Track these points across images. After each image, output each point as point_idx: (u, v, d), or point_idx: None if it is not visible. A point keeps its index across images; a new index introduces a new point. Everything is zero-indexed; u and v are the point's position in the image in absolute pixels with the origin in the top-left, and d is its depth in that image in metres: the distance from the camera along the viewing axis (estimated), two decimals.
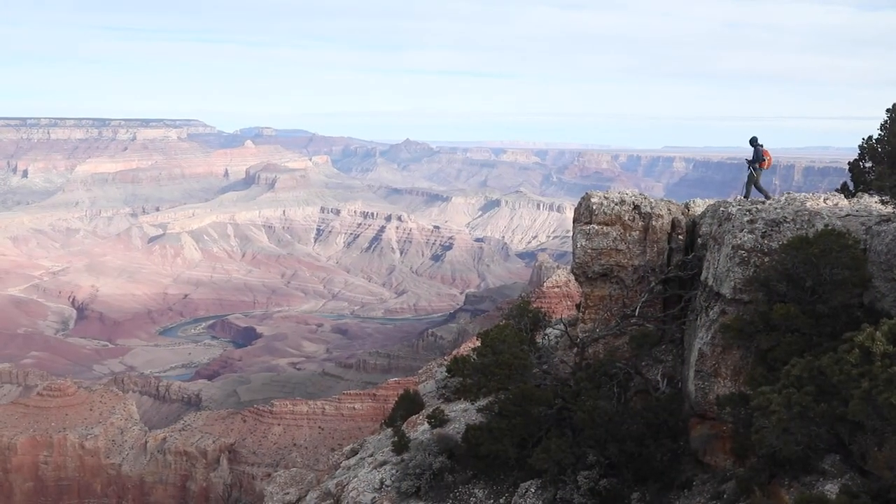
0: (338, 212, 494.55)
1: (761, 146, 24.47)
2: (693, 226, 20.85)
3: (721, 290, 17.00)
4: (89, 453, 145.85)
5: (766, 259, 16.26)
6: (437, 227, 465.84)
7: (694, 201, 22.74)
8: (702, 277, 18.60)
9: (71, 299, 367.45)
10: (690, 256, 20.19)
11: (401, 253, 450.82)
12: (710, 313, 17.34)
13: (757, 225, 16.98)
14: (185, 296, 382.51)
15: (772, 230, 16.77)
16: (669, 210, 21.19)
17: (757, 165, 24.40)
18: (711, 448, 16.63)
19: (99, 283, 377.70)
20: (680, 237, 20.78)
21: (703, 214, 20.51)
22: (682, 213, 21.46)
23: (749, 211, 17.65)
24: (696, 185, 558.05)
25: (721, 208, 19.07)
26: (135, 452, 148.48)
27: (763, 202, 18.89)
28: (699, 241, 20.04)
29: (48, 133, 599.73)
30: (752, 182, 24.52)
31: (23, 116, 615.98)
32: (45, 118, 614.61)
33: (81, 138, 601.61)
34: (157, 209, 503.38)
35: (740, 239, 16.79)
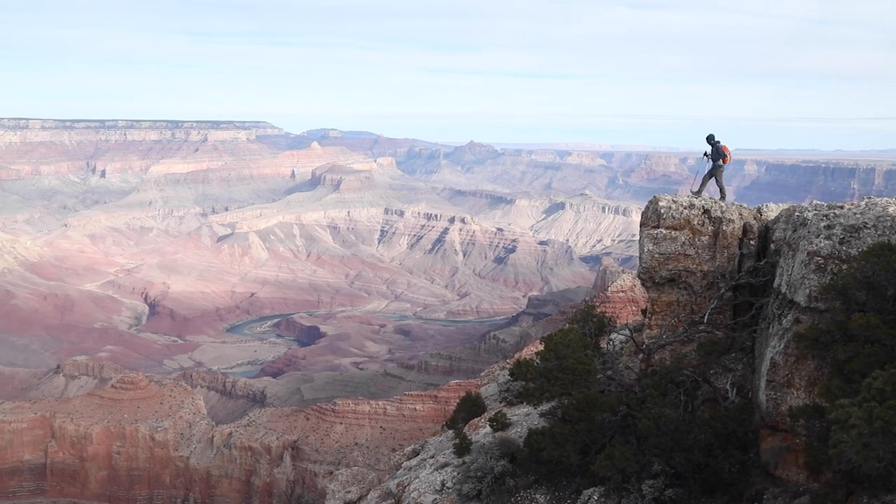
0: (402, 213, 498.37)
1: (719, 142, 24.54)
2: (766, 231, 20.27)
3: (795, 297, 16.45)
4: (159, 445, 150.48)
5: (844, 266, 15.67)
6: (500, 230, 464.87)
7: (767, 206, 22.17)
8: (775, 284, 18.04)
9: (144, 296, 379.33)
10: (763, 262, 19.63)
11: (464, 255, 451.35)
12: (784, 321, 16.78)
13: (835, 231, 16.39)
14: (252, 294, 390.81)
15: (850, 236, 16.18)
16: (741, 214, 20.65)
17: (720, 162, 24.47)
18: (783, 461, 16.07)
19: (170, 280, 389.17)
20: (752, 242, 20.22)
21: (777, 219, 19.91)
22: (754, 218, 20.89)
23: (826, 216, 17.03)
24: (769, 188, 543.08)
25: (796, 213, 18.47)
26: (202, 446, 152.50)
27: (841, 206, 18.19)
28: (772, 246, 19.48)
29: (125, 134, 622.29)
30: (713, 176, 24.53)
31: (101, 118, 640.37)
32: (122, 120, 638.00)
33: (156, 140, 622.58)
34: (226, 209, 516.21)
35: (816, 245, 16.23)
